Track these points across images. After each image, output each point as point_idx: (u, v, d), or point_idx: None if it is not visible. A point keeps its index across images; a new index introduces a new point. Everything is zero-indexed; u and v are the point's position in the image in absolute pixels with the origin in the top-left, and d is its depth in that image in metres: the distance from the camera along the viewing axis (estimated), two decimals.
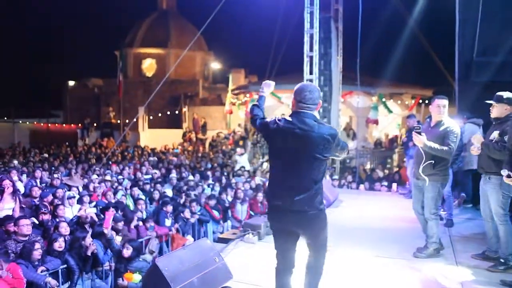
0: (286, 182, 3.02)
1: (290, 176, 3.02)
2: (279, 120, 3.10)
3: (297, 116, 3.06)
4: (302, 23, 10.66)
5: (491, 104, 4.56)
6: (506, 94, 4.47)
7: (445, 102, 4.76)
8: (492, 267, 4.51)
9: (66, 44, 37.16)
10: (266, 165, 13.47)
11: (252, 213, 8.82)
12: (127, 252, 5.82)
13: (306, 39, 10.38)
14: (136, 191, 9.17)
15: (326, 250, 3.30)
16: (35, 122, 24.93)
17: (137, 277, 5.35)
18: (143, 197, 8.80)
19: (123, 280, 5.38)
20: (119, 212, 6.99)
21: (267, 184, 3.55)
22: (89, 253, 5.67)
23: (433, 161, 4.69)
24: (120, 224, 6.34)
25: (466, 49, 9.26)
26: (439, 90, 17.65)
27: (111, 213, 6.11)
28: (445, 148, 4.56)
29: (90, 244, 5.74)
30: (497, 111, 4.49)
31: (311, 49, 10.41)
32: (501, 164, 4.40)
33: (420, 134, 4.61)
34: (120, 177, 10.88)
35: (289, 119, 3.09)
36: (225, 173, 12.23)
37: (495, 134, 4.48)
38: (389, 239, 5.77)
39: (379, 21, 14.22)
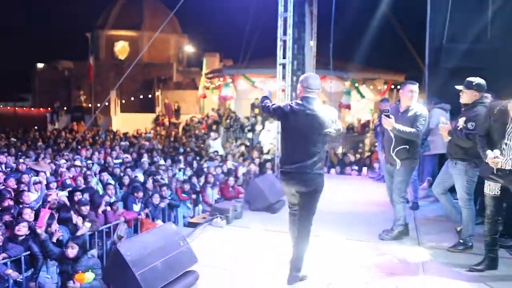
0: (296, 152, 3.77)
1: (300, 148, 3.75)
2: (291, 104, 3.81)
3: (306, 100, 3.75)
4: (276, 6, 10.53)
5: (460, 90, 4.60)
6: (476, 80, 4.48)
7: (416, 87, 4.82)
8: (452, 248, 4.66)
9: (36, 25, 35.85)
10: (241, 149, 13.44)
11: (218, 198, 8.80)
12: (72, 252, 5.21)
13: (280, 23, 10.22)
14: (106, 176, 9.02)
15: (313, 216, 3.92)
16: (2, 106, 24.12)
17: (89, 276, 4.79)
18: (112, 182, 8.66)
19: (74, 283, 4.74)
20: (85, 196, 6.83)
21: (280, 154, 4.40)
22: (54, 240, 5.56)
23: (407, 146, 4.75)
24: (85, 208, 6.18)
25: (437, 35, 9.37)
26: (411, 76, 17.91)
27: (46, 211, 5.77)
28: (413, 130, 4.64)
29: (55, 230, 5.63)
30: (466, 97, 4.52)
31: (284, 33, 10.25)
32: (467, 150, 4.50)
33: (389, 117, 4.66)
34: (89, 162, 10.67)
35: (300, 102, 3.77)
36: (197, 158, 12.16)
37: (461, 121, 4.55)
38: (358, 222, 5.88)
39: (353, 6, 14.20)
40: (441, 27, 9.26)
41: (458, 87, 4.64)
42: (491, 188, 4.03)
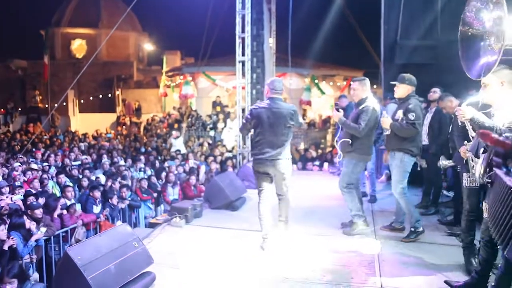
0: (268, 142, 4.54)
1: (270, 138, 4.54)
2: (259, 105, 4.65)
3: (272, 100, 4.62)
4: (235, 3, 10.52)
5: (394, 85, 4.87)
6: (407, 76, 4.82)
7: (356, 84, 5.00)
8: (406, 238, 4.81)
9: None
10: (205, 148, 13.37)
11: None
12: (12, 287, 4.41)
13: (238, 20, 10.24)
14: (63, 178, 8.75)
15: (288, 187, 4.75)
16: None
17: None
18: (71, 184, 8.42)
19: None
20: (39, 200, 6.60)
21: (252, 146, 5.13)
22: (5, 248, 5.32)
23: (350, 140, 4.90)
24: (38, 212, 5.96)
25: (391, 32, 9.63)
26: (369, 72, 18.34)
27: None
28: (355, 125, 4.83)
29: (7, 237, 5.40)
30: (400, 91, 4.82)
31: (243, 31, 10.28)
32: (403, 140, 4.71)
33: (338, 111, 4.98)
34: (45, 164, 10.31)
35: (267, 102, 4.63)
36: (159, 157, 12.00)
37: (399, 114, 4.77)
38: (316, 216, 5.96)
39: (311, 3, 14.39)
40: (395, 24, 9.52)
41: (393, 82, 4.89)
42: (471, 180, 3.81)
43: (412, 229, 4.82)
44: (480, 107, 3.26)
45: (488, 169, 2.96)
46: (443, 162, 4.98)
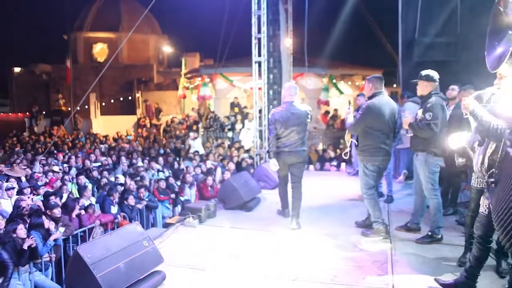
0: (291, 138, 5.42)
1: (292, 135, 5.42)
2: (279, 111, 5.52)
3: (290, 103, 5.48)
4: (250, 4, 10.54)
5: (416, 83, 4.71)
6: (425, 72, 4.62)
7: (368, 82, 5.03)
8: (419, 240, 4.71)
9: (12, 29, 35.24)
10: (222, 149, 13.41)
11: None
12: None
13: (254, 20, 10.24)
14: (83, 179, 8.91)
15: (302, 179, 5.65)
16: None
17: None
18: (90, 185, 8.57)
19: None
20: (57, 199, 6.73)
21: (278, 143, 5.54)
22: (25, 247, 5.44)
23: (356, 142, 4.88)
24: (57, 211, 6.08)
25: (409, 30, 9.50)
26: (388, 71, 18.09)
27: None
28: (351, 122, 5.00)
29: (28, 237, 5.51)
30: (419, 88, 4.65)
31: (259, 31, 10.28)
32: (426, 141, 4.57)
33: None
34: (65, 165, 10.52)
35: (285, 106, 5.50)
36: (177, 159, 12.10)
37: (419, 113, 4.63)
38: (332, 216, 5.91)
39: (328, 2, 14.29)
40: (412, 22, 9.39)
41: (413, 81, 4.75)
42: (479, 181, 3.72)
43: (430, 233, 4.68)
44: (486, 102, 3.18)
45: (485, 161, 2.96)
46: (460, 160, 4.84)
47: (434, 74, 4.55)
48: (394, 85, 15.98)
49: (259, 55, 10.36)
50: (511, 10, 2.96)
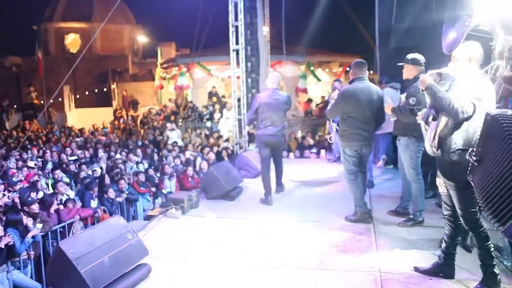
0: (270, 122, 5.95)
1: (273, 119, 5.96)
2: (261, 97, 6.10)
3: (273, 90, 6.07)
4: None
5: (402, 66, 4.69)
6: (411, 55, 4.58)
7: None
8: (402, 223, 4.77)
9: None
10: (201, 139, 13.32)
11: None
12: None
13: (231, 8, 10.10)
14: (59, 174, 8.71)
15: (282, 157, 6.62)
16: None
17: None
18: (67, 180, 8.39)
19: None
20: (33, 195, 6.56)
21: (258, 125, 6.11)
22: (1, 245, 5.29)
23: (337, 127, 5.00)
24: (35, 207, 5.92)
25: (385, 16, 9.53)
26: (365, 57, 18.19)
27: None
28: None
29: (4, 235, 5.36)
30: (405, 72, 4.62)
31: (236, 19, 10.16)
32: (407, 125, 4.61)
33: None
34: (40, 160, 10.26)
35: (269, 92, 6.05)
36: (156, 150, 11.94)
37: (403, 97, 4.65)
38: (314, 202, 5.94)
39: None
40: (389, 7, 9.43)
41: (400, 64, 4.74)
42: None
43: (411, 217, 4.76)
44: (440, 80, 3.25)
45: (436, 136, 3.12)
46: None
47: (421, 58, 4.52)
48: (371, 71, 16.10)
49: (237, 43, 10.26)
50: None
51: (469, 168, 2.72)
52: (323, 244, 4.33)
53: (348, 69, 18.66)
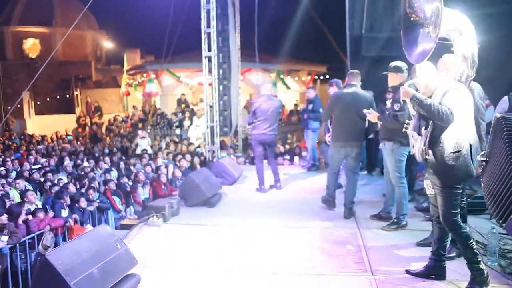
0: (264, 123, 6.75)
1: (267, 121, 6.74)
2: (260, 101, 6.82)
3: (268, 96, 6.94)
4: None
5: (386, 75, 4.79)
6: (393, 64, 4.69)
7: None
8: (386, 227, 4.84)
9: None
10: (172, 146, 13.07)
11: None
12: None
13: (203, 15, 10.02)
14: (22, 183, 8.27)
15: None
16: None
17: None
18: (31, 188, 7.98)
19: None
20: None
21: (254, 126, 6.94)
22: None
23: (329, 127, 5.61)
24: (4, 218, 5.60)
25: (356, 26, 9.75)
26: (332, 66, 18.54)
27: None
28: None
29: None
30: (390, 80, 4.73)
31: (208, 26, 10.08)
32: (393, 130, 4.69)
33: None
34: (1, 169, 9.73)
35: (264, 98, 6.84)
36: (123, 158, 11.61)
37: (388, 103, 4.75)
38: (294, 209, 5.93)
39: None
40: (359, 17, 9.65)
41: (384, 73, 4.85)
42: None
43: (395, 220, 4.83)
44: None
45: (428, 144, 3.21)
46: None
47: (403, 65, 4.63)
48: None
49: (209, 50, 10.17)
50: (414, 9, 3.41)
51: (468, 166, 2.80)
52: (312, 249, 4.32)
53: (316, 77, 19.02)
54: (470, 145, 3.12)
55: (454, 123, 3.11)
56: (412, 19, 3.45)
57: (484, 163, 2.69)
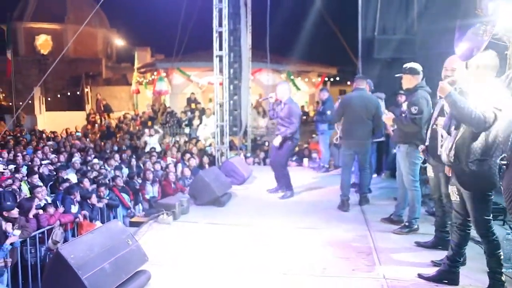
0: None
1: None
2: (275, 107, 6.58)
3: (290, 100, 6.53)
4: None
5: (400, 77, 4.71)
6: (408, 65, 4.62)
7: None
8: (397, 230, 4.80)
9: None
10: (181, 145, 13.10)
11: None
12: None
13: (215, 13, 10.03)
14: (34, 178, 8.33)
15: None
16: None
17: None
18: (41, 184, 8.03)
19: None
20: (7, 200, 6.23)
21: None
22: None
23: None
24: (15, 213, 5.62)
25: (368, 28, 9.69)
26: (343, 69, 18.47)
27: None
28: None
29: None
30: (405, 82, 4.64)
31: (220, 25, 10.08)
32: (408, 133, 4.64)
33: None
34: (11, 166, 9.79)
35: (291, 101, 6.55)
36: (133, 156, 11.65)
37: (404, 106, 4.71)
38: (304, 210, 5.90)
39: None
40: (372, 19, 9.60)
41: (397, 75, 4.79)
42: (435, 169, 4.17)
43: (407, 224, 4.79)
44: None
45: (454, 145, 3.14)
46: None
47: (418, 67, 4.56)
48: (348, 82, 16.33)
49: (221, 49, 10.17)
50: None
51: (492, 176, 2.76)
52: (323, 251, 4.29)
53: (326, 79, 18.96)
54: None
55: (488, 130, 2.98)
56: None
57: (504, 166, 2.63)
